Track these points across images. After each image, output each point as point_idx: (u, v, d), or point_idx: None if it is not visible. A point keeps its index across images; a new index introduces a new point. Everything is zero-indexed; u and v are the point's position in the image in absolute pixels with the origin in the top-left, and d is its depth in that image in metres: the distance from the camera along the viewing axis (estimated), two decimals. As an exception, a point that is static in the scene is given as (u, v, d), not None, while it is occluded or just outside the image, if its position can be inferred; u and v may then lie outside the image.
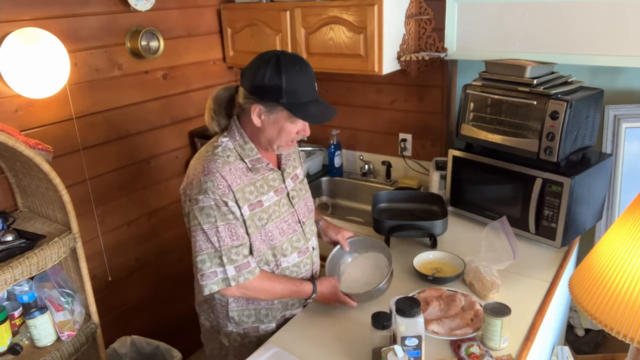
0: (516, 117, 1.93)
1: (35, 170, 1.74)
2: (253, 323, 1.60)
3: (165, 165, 2.60)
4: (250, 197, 1.47)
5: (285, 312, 1.66)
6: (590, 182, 1.88)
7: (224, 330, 1.63)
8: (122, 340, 2.26)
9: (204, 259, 1.44)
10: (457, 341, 1.43)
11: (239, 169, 1.47)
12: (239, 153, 1.48)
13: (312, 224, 1.69)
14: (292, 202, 1.60)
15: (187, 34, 2.58)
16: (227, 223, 1.42)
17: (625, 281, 1.07)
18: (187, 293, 2.85)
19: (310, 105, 1.41)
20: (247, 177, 1.48)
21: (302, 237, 1.62)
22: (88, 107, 2.20)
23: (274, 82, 1.36)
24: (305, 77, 1.41)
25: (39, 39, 1.91)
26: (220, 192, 1.41)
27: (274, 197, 1.54)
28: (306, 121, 1.44)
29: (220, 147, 1.48)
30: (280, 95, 1.37)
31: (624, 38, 1.92)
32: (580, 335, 2.24)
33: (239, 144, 1.49)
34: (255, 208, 1.48)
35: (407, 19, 2.35)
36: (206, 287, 1.45)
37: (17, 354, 1.76)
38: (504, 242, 1.68)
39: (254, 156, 1.50)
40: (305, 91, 1.41)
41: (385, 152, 2.78)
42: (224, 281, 1.44)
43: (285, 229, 1.56)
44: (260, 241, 1.50)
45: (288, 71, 1.37)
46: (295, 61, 1.40)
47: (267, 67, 1.37)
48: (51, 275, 1.86)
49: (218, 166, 1.43)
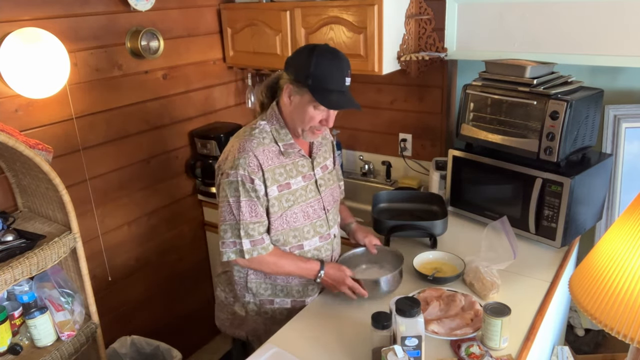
0: (516, 117, 1.93)
1: (35, 170, 1.74)
2: (269, 296, 1.70)
3: (165, 165, 2.60)
4: (279, 178, 1.57)
5: (305, 297, 1.71)
6: (590, 182, 1.88)
7: (242, 300, 1.72)
8: (122, 340, 2.26)
9: (226, 228, 1.56)
10: (457, 341, 1.43)
11: (271, 151, 1.57)
12: (274, 136, 1.58)
13: (336, 212, 1.79)
14: (319, 189, 1.68)
15: (187, 34, 2.58)
16: (249, 199, 1.53)
17: (625, 281, 1.07)
18: (187, 293, 2.86)
19: (333, 93, 1.49)
20: (278, 160, 1.58)
21: (325, 223, 1.70)
22: (88, 107, 2.20)
23: (305, 64, 1.47)
24: (334, 67, 1.49)
25: (39, 39, 1.91)
26: (250, 170, 1.51)
27: (302, 182, 1.63)
28: (323, 105, 1.50)
29: (258, 129, 1.58)
30: (308, 77, 1.46)
31: (624, 38, 1.92)
32: (580, 335, 2.24)
33: (275, 128, 1.59)
34: (284, 189, 1.58)
35: (407, 19, 2.35)
36: (225, 254, 1.58)
37: (17, 354, 1.76)
38: (504, 242, 1.68)
39: (288, 141, 1.59)
40: (332, 79, 1.48)
41: (385, 152, 2.78)
42: (239, 252, 1.56)
43: (311, 214, 1.65)
44: (283, 221, 1.59)
45: (319, 57, 1.46)
46: (329, 51, 1.50)
47: (304, 52, 1.50)
48: (51, 275, 1.85)
49: (253, 146, 1.54)
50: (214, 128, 2.71)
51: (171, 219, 2.68)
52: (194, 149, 2.71)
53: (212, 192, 2.71)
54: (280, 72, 1.63)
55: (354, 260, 1.78)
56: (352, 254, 1.79)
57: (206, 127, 2.73)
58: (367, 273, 1.76)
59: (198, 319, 2.91)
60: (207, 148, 2.64)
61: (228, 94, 2.89)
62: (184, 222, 2.76)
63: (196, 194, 2.79)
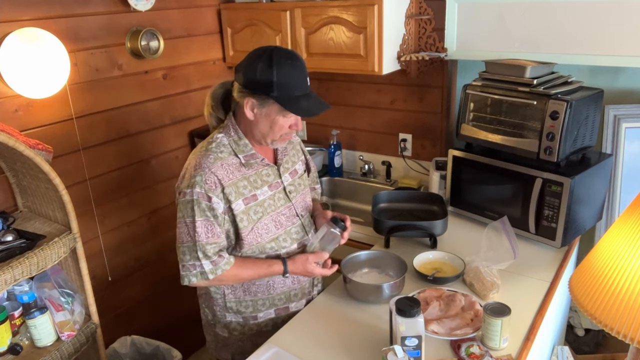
0: (516, 117, 1.93)
1: (35, 170, 1.74)
2: (251, 312, 1.64)
3: (165, 165, 2.60)
4: (244, 191, 1.51)
5: (289, 303, 1.67)
6: (590, 182, 1.88)
7: (223, 321, 1.66)
8: (122, 340, 2.26)
9: (184, 250, 1.48)
10: (457, 341, 1.43)
11: (232, 165, 1.50)
12: (233, 149, 1.51)
13: (310, 217, 1.73)
14: (289, 196, 1.62)
15: (187, 34, 2.58)
16: (205, 219, 1.45)
17: (625, 281, 1.07)
18: (187, 293, 2.85)
19: (301, 99, 1.43)
20: (240, 173, 1.51)
21: (302, 229, 1.65)
22: (88, 107, 2.20)
23: (265, 75, 1.39)
24: (296, 71, 1.42)
25: (39, 39, 1.91)
26: (207, 187, 1.44)
27: (269, 191, 1.57)
28: (296, 114, 1.45)
29: (215, 142, 1.51)
30: (272, 89, 1.39)
31: (624, 38, 1.92)
32: (580, 335, 2.24)
33: (233, 139, 1.52)
34: (250, 202, 1.52)
35: (407, 19, 2.35)
36: (185, 278, 1.49)
37: (17, 354, 1.76)
38: (504, 242, 1.68)
39: (248, 152, 1.52)
40: (296, 85, 1.42)
41: (385, 152, 2.78)
42: (202, 275, 1.48)
43: (283, 222, 1.59)
44: (255, 234, 1.53)
45: (280, 65, 1.39)
46: (288, 56, 1.42)
47: (259, 61, 1.40)
48: (51, 275, 1.86)
49: (210, 162, 1.46)
50: (214, 128, 2.71)
51: (171, 219, 2.67)
52: (193, 148, 2.71)
53: (212, 192, 2.71)
54: (225, 83, 1.57)
55: (355, 265, 1.78)
56: (353, 257, 1.78)
57: (206, 127, 2.68)
58: (367, 277, 1.76)
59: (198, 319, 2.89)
60: (207, 148, 2.63)
61: (228, 94, 2.89)
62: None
63: (196, 194, 2.79)
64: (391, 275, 1.74)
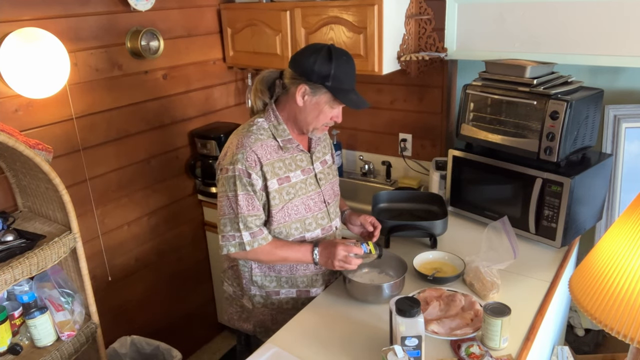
0: (516, 117, 1.93)
1: (35, 170, 1.74)
2: (274, 287, 1.74)
3: (165, 165, 2.60)
4: (279, 172, 1.62)
5: (310, 288, 1.75)
6: (590, 182, 1.88)
7: (248, 293, 1.76)
8: (122, 340, 2.26)
9: (225, 222, 1.61)
10: (457, 341, 1.43)
11: (270, 146, 1.61)
12: (272, 132, 1.63)
13: (336, 206, 1.82)
14: (319, 182, 1.72)
15: (187, 34, 2.58)
16: (246, 193, 1.57)
17: (625, 281, 1.07)
18: (187, 293, 2.86)
19: (350, 92, 1.57)
20: (277, 154, 1.62)
21: (327, 216, 1.74)
22: (88, 107, 2.20)
23: (323, 67, 1.51)
24: (350, 68, 1.56)
25: (39, 39, 1.91)
26: (248, 164, 1.55)
27: (301, 175, 1.67)
28: (347, 105, 1.56)
29: (255, 126, 1.63)
30: (328, 79, 1.52)
31: (624, 38, 1.92)
32: (580, 335, 2.24)
33: (273, 124, 1.63)
34: (284, 182, 1.63)
35: (407, 19, 2.35)
36: (224, 247, 1.62)
37: (17, 354, 1.76)
38: (504, 242, 1.68)
39: (286, 137, 1.64)
40: (348, 80, 1.56)
41: (385, 152, 2.78)
42: (240, 245, 1.59)
43: (312, 206, 1.69)
44: (284, 213, 1.63)
45: (337, 59, 1.53)
46: (344, 53, 1.57)
47: (318, 54, 1.53)
48: (51, 275, 1.86)
49: (251, 141, 1.58)
50: (214, 128, 2.71)
51: (171, 219, 2.68)
52: (194, 149, 2.71)
53: (212, 192, 2.71)
54: (274, 71, 1.67)
55: None
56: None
57: (206, 127, 2.73)
58: (367, 277, 1.76)
59: (198, 318, 2.91)
60: (207, 148, 2.64)
61: (228, 94, 2.89)
62: (184, 222, 2.76)
63: (196, 194, 2.79)
64: (391, 275, 1.74)
